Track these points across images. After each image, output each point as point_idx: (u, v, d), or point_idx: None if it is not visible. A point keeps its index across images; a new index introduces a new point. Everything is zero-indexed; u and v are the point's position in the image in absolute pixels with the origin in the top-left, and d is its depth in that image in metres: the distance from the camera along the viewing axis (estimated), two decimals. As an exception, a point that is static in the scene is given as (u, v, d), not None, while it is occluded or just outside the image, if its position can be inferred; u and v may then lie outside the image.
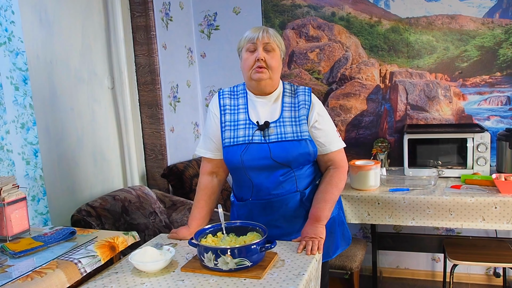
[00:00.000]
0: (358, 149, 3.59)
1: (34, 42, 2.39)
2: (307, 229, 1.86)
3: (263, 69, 1.88)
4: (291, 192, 1.95)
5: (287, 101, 1.96)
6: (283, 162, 1.89)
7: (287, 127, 1.91)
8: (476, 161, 2.95)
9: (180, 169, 3.21)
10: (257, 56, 1.87)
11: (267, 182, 1.93)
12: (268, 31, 1.92)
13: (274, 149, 1.88)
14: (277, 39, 1.93)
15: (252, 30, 1.93)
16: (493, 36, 3.21)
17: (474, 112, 3.33)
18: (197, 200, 2.07)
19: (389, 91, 3.48)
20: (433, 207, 2.68)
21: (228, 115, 1.98)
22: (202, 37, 3.82)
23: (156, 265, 1.64)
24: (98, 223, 2.41)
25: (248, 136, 1.92)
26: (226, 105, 2.00)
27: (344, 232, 2.12)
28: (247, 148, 1.90)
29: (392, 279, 3.64)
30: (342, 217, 2.13)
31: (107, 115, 2.96)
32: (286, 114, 1.94)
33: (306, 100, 1.95)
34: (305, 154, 1.91)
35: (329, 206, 1.92)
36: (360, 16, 3.46)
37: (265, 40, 1.88)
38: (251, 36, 1.90)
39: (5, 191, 1.79)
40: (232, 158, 1.94)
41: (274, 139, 1.89)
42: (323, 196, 1.92)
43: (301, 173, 1.95)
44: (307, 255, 1.74)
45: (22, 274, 1.49)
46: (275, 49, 1.91)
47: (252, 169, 1.92)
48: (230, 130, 1.95)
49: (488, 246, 3.03)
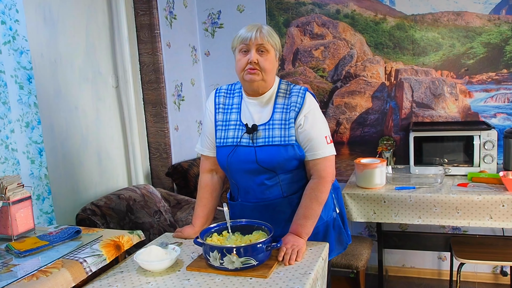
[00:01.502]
0: (363, 147, 3.57)
1: (38, 40, 2.38)
2: (288, 238, 1.79)
3: (255, 70, 1.82)
4: (277, 197, 1.91)
5: (280, 102, 1.89)
6: (268, 167, 1.84)
7: (275, 131, 1.85)
8: (482, 158, 2.93)
9: (184, 167, 3.20)
10: (250, 59, 1.81)
11: (253, 186, 1.91)
12: (262, 30, 1.83)
13: (260, 154, 1.84)
14: (272, 39, 1.84)
15: (247, 28, 1.85)
16: (499, 33, 3.18)
17: (481, 110, 3.30)
18: (199, 199, 2.06)
19: (394, 89, 3.46)
20: (439, 205, 2.66)
21: (221, 115, 1.96)
22: (206, 35, 3.81)
23: (162, 264, 1.64)
24: (103, 222, 2.41)
25: (236, 138, 1.89)
26: (220, 103, 1.97)
27: (341, 237, 2.06)
28: (234, 151, 1.88)
29: (398, 277, 3.62)
30: (339, 221, 2.06)
31: (112, 113, 2.95)
32: (276, 116, 1.87)
33: (298, 102, 1.86)
34: (291, 159, 1.85)
35: (310, 222, 1.83)
36: (365, 13, 3.44)
37: (258, 41, 1.81)
38: (244, 36, 1.83)
39: (10, 190, 1.79)
40: (220, 159, 1.94)
41: (261, 143, 1.85)
42: (303, 212, 1.83)
43: (287, 178, 1.90)
44: (285, 265, 1.67)
45: (27, 274, 1.49)
46: (269, 50, 1.83)
47: (238, 172, 1.91)
48: (221, 130, 1.94)
49: (495, 245, 3.01)
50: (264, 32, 1.83)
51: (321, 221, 1.95)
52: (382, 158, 3.26)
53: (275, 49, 1.86)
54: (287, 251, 1.70)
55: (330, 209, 2.01)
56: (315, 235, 1.93)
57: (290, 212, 1.91)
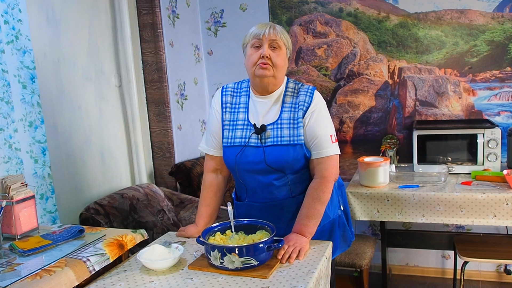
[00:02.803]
0: (366, 146, 3.56)
1: (41, 40, 2.39)
2: (291, 237, 1.78)
3: (267, 65, 1.80)
4: (285, 197, 1.91)
5: (288, 101, 1.88)
6: (277, 167, 1.84)
7: (284, 130, 1.85)
8: (486, 157, 2.92)
9: (187, 167, 3.20)
10: (262, 53, 1.80)
11: (261, 186, 1.90)
12: (276, 27, 1.84)
13: (269, 154, 1.83)
14: (284, 37, 1.85)
15: (259, 26, 1.85)
16: (503, 31, 3.17)
17: (484, 108, 3.29)
18: (203, 198, 2.04)
19: (397, 87, 3.45)
20: (443, 203, 2.65)
21: (228, 114, 1.94)
22: (209, 35, 3.81)
23: (165, 263, 1.64)
24: (107, 221, 2.41)
25: (244, 138, 1.88)
26: (227, 102, 1.95)
27: (345, 234, 2.07)
28: (243, 151, 1.87)
29: (402, 276, 3.62)
30: (343, 218, 2.06)
31: (115, 113, 2.95)
32: (285, 116, 1.86)
33: (305, 101, 1.86)
34: (299, 159, 1.85)
35: (314, 222, 1.82)
36: (368, 11, 3.43)
37: (272, 37, 1.81)
38: (257, 32, 1.82)
39: (14, 189, 1.79)
40: (227, 159, 1.93)
41: (270, 143, 1.84)
42: (306, 212, 1.83)
43: (295, 178, 1.89)
44: (282, 262, 1.66)
45: (31, 273, 1.49)
46: (281, 46, 1.83)
47: (246, 172, 1.90)
48: (228, 130, 1.92)
49: (499, 243, 3.00)
50: (277, 29, 1.85)
51: (327, 219, 1.95)
52: (386, 156, 3.25)
53: (286, 47, 1.87)
54: (288, 249, 1.69)
55: (336, 207, 2.01)
56: (321, 233, 1.93)
57: (296, 211, 1.90)
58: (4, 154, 2.01)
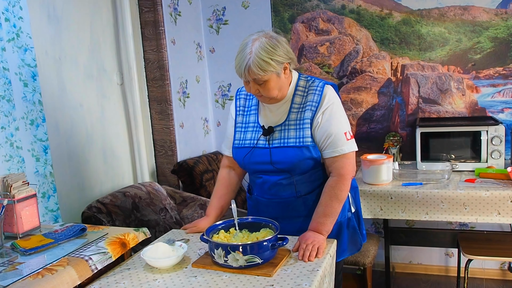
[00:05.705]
0: (369, 144, 3.55)
1: (42, 38, 2.38)
2: (308, 234, 1.76)
3: (261, 97, 1.83)
4: (290, 197, 1.91)
5: (297, 101, 1.87)
6: (282, 168, 1.85)
7: (291, 131, 1.85)
8: (490, 154, 2.90)
9: (190, 165, 3.19)
10: (250, 91, 1.82)
11: (268, 185, 1.92)
12: (251, 67, 1.71)
13: (275, 155, 1.85)
14: (265, 68, 1.72)
15: (236, 59, 1.78)
16: (507, 27, 3.15)
17: (488, 105, 3.27)
18: (215, 191, 2.10)
19: (400, 84, 3.43)
20: (447, 201, 2.64)
21: (241, 117, 1.99)
22: (211, 32, 3.80)
23: (169, 261, 1.63)
24: (109, 219, 2.40)
25: (254, 139, 1.91)
26: (241, 105, 2.01)
27: (355, 237, 2.03)
28: (251, 152, 1.91)
29: (405, 274, 3.61)
30: (353, 221, 2.02)
31: (117, 111, 2.95)
32: (292, 117, 1.86)
33: (314, 101, 1.83)
34: (306, 160, 1.84)
35: (330, 220, 1.81)
36: (370, 8, 3.41)
37: (252, 76, 1.74)
38: (238, 71, 1.78)
39: (15, 188, 1.78)
40: (237, 159, 1.99)
41: (276, 144, 1.86)
42: (323, 210, 1.81)
43: (302, 178, 1.89)
44: (305, 261, 1.64)
45: (32, 272, 1.49)
46: (266, 79, 1.75)
47: (253, 172, 1.97)
48: (240, 132, 1.97)
49: (503, 241, 2.98)
50: (253, 68, 1.71)
51: None
52: (389, 154, 3.24)
53: (274, 71, 1.75)
54: (307, 247, 1.68)
55: (345, 209, 1.97)
56: None
57: (304, 210, 1.91)
58: (6, 152, 2.00)
